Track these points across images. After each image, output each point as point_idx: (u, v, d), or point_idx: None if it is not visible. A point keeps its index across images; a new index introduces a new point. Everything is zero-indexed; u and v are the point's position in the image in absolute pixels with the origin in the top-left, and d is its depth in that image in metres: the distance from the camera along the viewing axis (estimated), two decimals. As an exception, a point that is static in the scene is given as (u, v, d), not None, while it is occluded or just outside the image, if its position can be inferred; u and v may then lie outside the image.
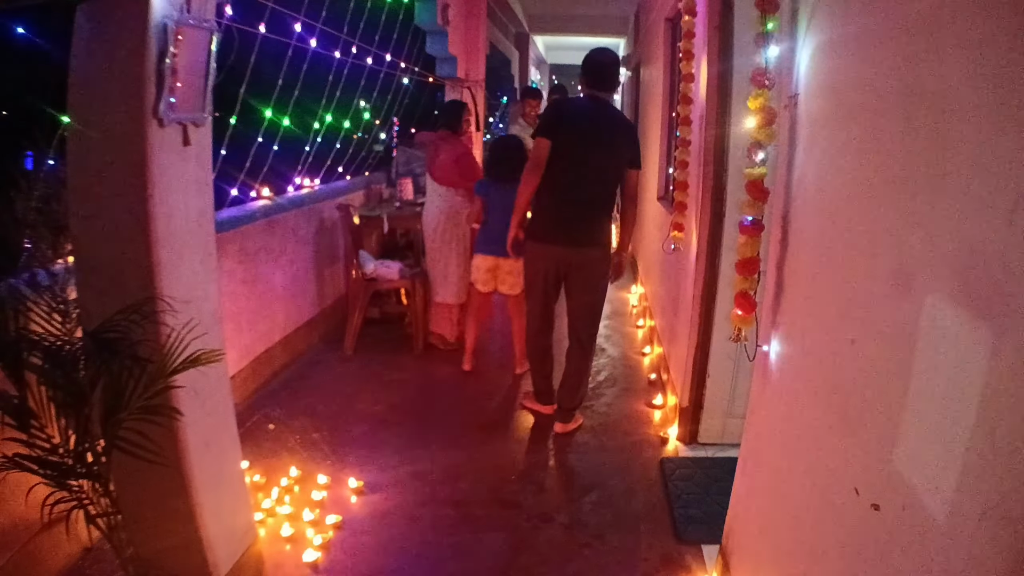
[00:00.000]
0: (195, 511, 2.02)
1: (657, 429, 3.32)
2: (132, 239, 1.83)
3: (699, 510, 2.57)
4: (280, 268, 3.93)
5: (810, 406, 1.49)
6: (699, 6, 3.07)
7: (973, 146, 0.91)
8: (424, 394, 3.74)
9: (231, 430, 2.26)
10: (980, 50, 0.91)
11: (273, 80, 3.83)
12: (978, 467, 0.87)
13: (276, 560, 2.32)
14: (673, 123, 4.46)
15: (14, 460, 1.57)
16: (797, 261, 1.64)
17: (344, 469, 2.89)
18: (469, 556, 2.37)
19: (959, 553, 0.90)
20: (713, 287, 2.85)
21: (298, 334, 4.15)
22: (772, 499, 1.74)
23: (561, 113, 3.05)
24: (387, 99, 5.56)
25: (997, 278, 0.85)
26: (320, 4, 4.01)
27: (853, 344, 1.26)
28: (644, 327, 4.86)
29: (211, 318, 2.09)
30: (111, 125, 1.77)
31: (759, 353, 1.90)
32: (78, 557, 2.21)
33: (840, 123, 1.41)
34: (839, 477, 1.29)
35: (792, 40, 1.69)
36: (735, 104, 2.64)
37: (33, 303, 1.70)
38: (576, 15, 9.98)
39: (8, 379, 1.62)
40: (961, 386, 0.92)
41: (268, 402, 3.53)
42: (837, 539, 1.29)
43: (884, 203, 1.17)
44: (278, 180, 4.13)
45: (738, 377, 2.92)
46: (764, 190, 1.85)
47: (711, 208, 2.78)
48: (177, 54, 1.77)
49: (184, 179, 1.94)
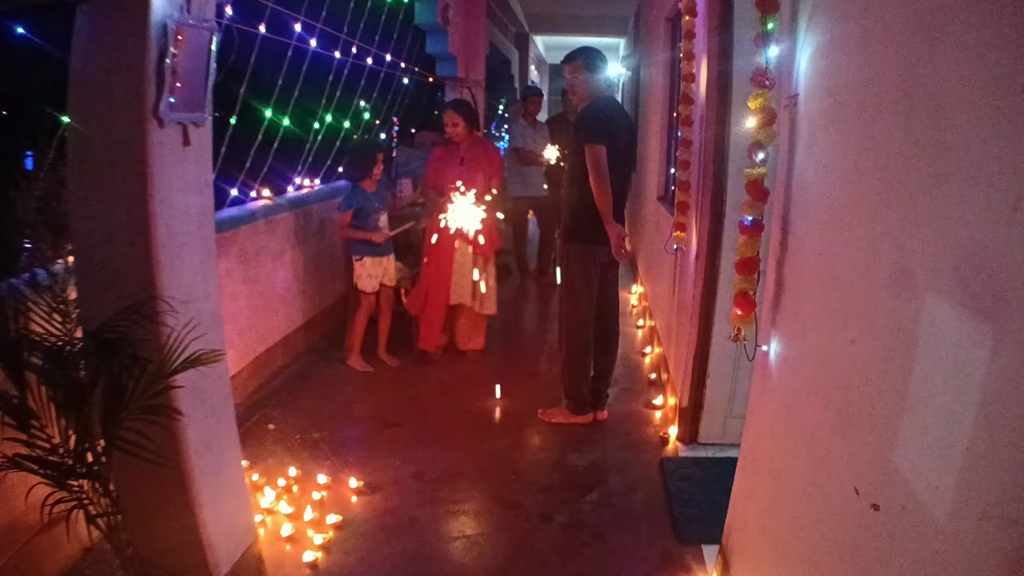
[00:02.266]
0: (195, 511, 2.02)
1: (657, 429, 3.32)
2: (132, 239, 1.83)
3: (699, 510, 2.57)
4: (280, 268, 3.93)
5: (810, 406, 1.49)
6: (699, 6, 3.07)
7: (973, 146, 0.91)
8: (424, 394, 3.74)
9: (231, 430, 2.26)
10: (980, 50, 0.90)
11: (273, 80, 3.83)
12: (978, 467, 0.87)
13: (276, 560, 2.32)
14: (673, 123, 4.46)
15: (14, 460, 1.57)
16: (797, 261, 1.64)
17: (344, 469, 2.89)
18: (469, 556, 2.37)
19: (959, 553, 0.90)
20: (713, 287, 2.85)
21: (298, 334, 4.15)
22: (772, 499, 1.74)
23: (608, 116, 3.06)
24: (387, 99, 5.56)
25: (997, 278, 0.85)
26: (320, 4, 4.01)
27: (853, 344, 1.26)
28: (644, 327, 4.86)
29: (211, 318, 2.09)
30: (111, 125, 1.77)
31: (759, 353, 1.90)
32: (78, 557, 2.21)
33: (840, 123, 1.41)
34: (839, 477, 1.28)
35: (792, 40, 1.69)
36: (735, 104, 2.64)
37: (33, 303, 1.70)
38: (576, 15, 9.97)
39: (8, 379, 1.62)
40: (961, 386, 0.91)
41: (268, 402, 3.53)
42: (837, 539, 1.29)
43: (884, 203, 1.17)
44: (278, 180, 4.14)
45: (738, 377, 2.92)
46: (764, 190, 1.85)
47: (711, 208, 2.78)
48: (177, 54, 1.77)
49: (184, 179, 1.94)
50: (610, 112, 3.09)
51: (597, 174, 2.96)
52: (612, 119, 3.06)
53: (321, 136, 4.55)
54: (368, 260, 3.84)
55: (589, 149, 2.95)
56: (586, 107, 3.09)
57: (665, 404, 3.53)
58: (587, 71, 3.11)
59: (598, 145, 2.94)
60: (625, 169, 3.20)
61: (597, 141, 2.95)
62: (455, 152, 4.02)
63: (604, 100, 3.13)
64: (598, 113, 3.03)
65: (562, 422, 3.36)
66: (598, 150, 2.94)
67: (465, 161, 3.99)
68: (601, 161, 2.94)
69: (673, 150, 4.27)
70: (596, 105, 3.07)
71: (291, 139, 4.10)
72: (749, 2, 1.83)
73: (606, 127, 3.00)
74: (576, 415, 3.36)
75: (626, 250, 3.13)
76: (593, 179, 2.97)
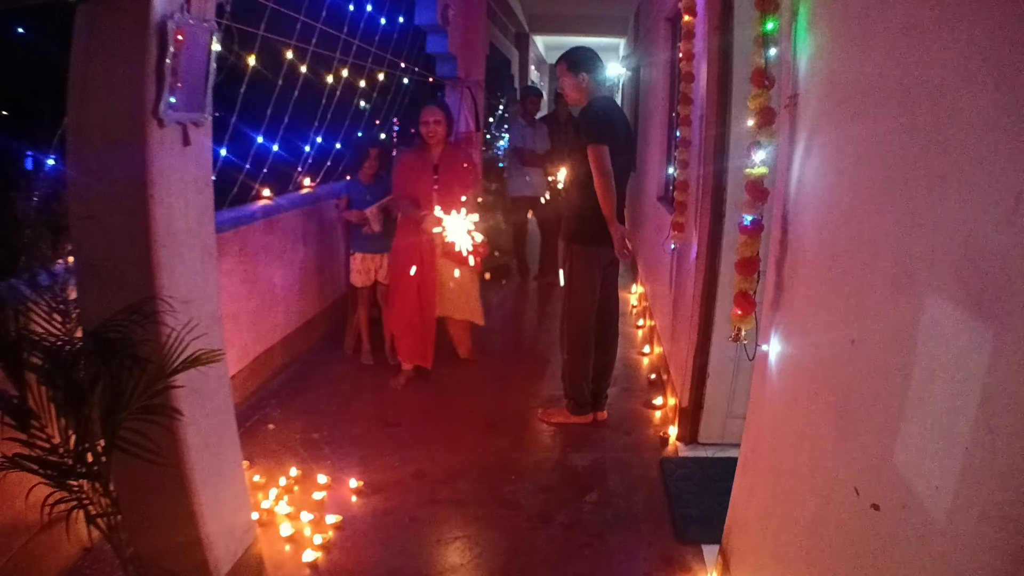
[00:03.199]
0: (195, 511, 2.02)
1: (657, 429, 3.32)
2: (132, 239, 1.82)
3: (699, 510, 2.57)
4: (280, 268, 3.93)
5: (810, 406, 1.49)
6: (699, 6, 3.07)
7: (973, 146, 0.91)
8: (424, 394, 3.74)
9: (231, 430, 2.26)
10: (980, 50, 0.90)
11: (273, 80, 3.83)
12: (978, 467, 0.87)
13: (276, 560, 2.32)
14: (673, 123, 4.46)
15: (14, 460, 1.57)
16: (797, 261, 1.64)
17: (344, 469, 2.89)
18: (469, 556, 2.37)
19: (959, 553, 0.90)
20: (713, 287, 2.85)
21: (298, 334, 4.15)
22: (772, 499, 1.74)
23: (608, 116, 3.05)
24: (387, 99, 5.56)
25: (997, 278, 0.85)
26: (320, 4, 4.01)
27: (853, 344, 1.26)
28: (644, 327, 4.86)
29: (211, 318, 2.09)
30: (111, 125, 1.77)
31: (759, 353, 1.90)
32: (78, 557, 2.21)
33: (840, 123, 1.41)
34: (839, 477, 1.28)
35: (792, 40, 1.69)
36: (735, 104, 2.64)
37: (33, 303, 1.70)
38: (576, 15, 9.98)
39: (8, 379, 1.62)
40: (961, 386, 0.91)
41: (268, 402, 3.53)
42: (837, 539, 1.29)
43: (884, 203, 1.17)
44: (278, 180, 4.14)
45: (738, 377, 2.92)
46: (764, 190, 1.85)
47: (711, 208, 2.78)
48: (177, 54, 1.77)
49: (184, 179, 1.94)
50: (609, 112, 3.09)
51: (602, 175, 2.93)
52: (611, 119, 3.05)
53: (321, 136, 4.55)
54: (359, 256, 3.94)
55: (592, 150, 2.93)
56: (584, 108, 3.07)
57: (665, 404, 3.53)
58: (572, 72, 3.12)
59: (601, 145, 2.92)
60: (625, 168, 3.21)
61: (600, 141, 2.93)
62: (427, 158, 3.64)
63: (601, 100, 3.11)
64: (598, 113, 3.01)
65: (562, 422, 3.36)
66: (601, 150, 2.92)
67: (440, 170, 3.64)
68: (605, 161, 2.92)
69: (673, 150, 4.27)
70: (595, 105, 3.05)
71: (291, 139, 4.10)
72: (749, 2, 1.84)
73: (608, 126, 2.99)
74: (576, 415, 3.35)
75: (628, 250, 3.13)
76: (597, 180, 2.95)
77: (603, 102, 3.11)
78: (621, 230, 3.03)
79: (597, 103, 3.07)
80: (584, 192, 3.05)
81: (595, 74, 3.13)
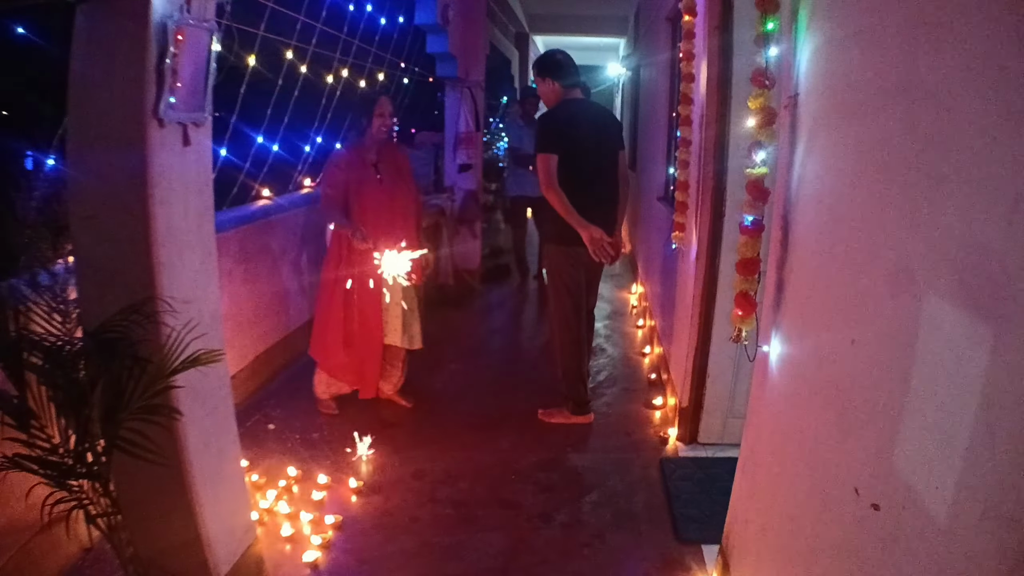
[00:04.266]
0: (195, 511, 2.02)
1: (657, 429, 3.31)
2: (132, 239, 1.83)
3: (699, 510, 2.57)
4: (280, 268, 3.93)
5: (810, 406, 1.49)
6: (699, 6, 3.07)
7: (973, 146, 0.91)
8: (423, 393, 3.73)
9: (231, 430, 2.26)
10: (980, 49, 0.90)
11: (273, 80, 3.83)
12: (978, 467, 0.87)
13: (276, 560, 2.32)
14: (673, 123, 4.46)
15: (14, 460, 1.57)
16: (797, 261, 1.64)
17: (344, 469, 2.89)
18: (469, 556, 2.37)
19: (959, 553, 0.90)
20: (713, 287, 2.85)
21: (298, 334, 4.15)
22: (772, 499, 1.74)
23: (563, 123, 3.07)
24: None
25: (997, 278, 0.85)
26: (320, 4, 4.01)
27: (853, 344, 1.26)
28: (644, 327, 4.86)
29: (211, 318, 2.09)
30: (111, 125, 1.77)
31: (759, 353, 1.90)
32: (78, 557, 2.21)
33: (840, 123, 1.41)
34: (839, 477, 1.28)
35: (792, 40, 1.69)
36: (735, 104, 2.64)
37: (33, 303, 1.70)
38: (576, 15, 9.98)
39: (8, 379, 1.62)
40: (961, 386, 0.91)
41: (268, 402, 3.53)
42: (837, 539, 1.29)
43: (884, 203, 1.17)
44: (278, 180, 4.14)
45: (738, 377, 2.92)
46: (764, 190, 1.85)
47: (711, 208, 2.78)
48: (177, 54, 1.77)
49: (184, 179, 1.94)
50: (569, 116, 3.09)
51: (545, 185, 3.02)
52: (572, 123, 3.07)
53: (321, 136, 4.55)
54: None
55: (538, 159, 3.03)
56: (542, 115, 3.17)
57: (665, 404, 3.53)
58: (540, 77, 3.18)
59: (546, 154, 3.01)
60: (599, 170, 3.13)
61: (544, 150, 3.03)
62: (366, 158, 3.15)
63: (564, 104, 3.14)
64: (549, 121, 3.11)
65: (562, 422, 3.36)
66: (546, 159, 3.01)
67: (381, 171, 3.17)
68: (550, 170, 3.00)
69: (673, 150, 4.27)
70: (551, 112, 3.14)
71: (291, 139, 4.10)
72: (749, 2, 1.84)
73: (557, 134, 3.04)
74: (576, 415, 3.35)
75: (609, 252, 3.08)
76: (543, 188, 3.04)
77: (567, 106, 3.13)
78: (592, 231, 3.02)
79: (559, 109, 3.13)
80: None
81: (563, 79, 3.15)
